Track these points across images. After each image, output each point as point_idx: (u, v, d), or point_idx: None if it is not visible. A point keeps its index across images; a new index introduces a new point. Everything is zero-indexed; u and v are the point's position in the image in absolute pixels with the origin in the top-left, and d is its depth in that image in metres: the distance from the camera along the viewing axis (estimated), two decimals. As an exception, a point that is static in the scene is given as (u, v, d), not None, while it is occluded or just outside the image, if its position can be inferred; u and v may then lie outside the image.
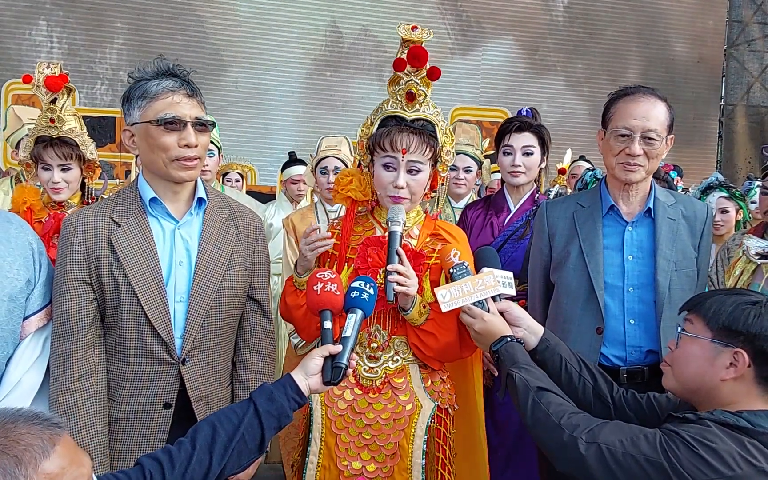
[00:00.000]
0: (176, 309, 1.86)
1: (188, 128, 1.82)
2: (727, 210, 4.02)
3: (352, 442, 2.01)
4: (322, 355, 1.65)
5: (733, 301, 1.54)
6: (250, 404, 1.55)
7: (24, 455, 1.02)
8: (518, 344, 1.80)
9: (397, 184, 2.00)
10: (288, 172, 5.05)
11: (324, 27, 8.74)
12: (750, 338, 1.49)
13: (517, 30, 9.36)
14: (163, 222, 1.91)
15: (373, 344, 2.03)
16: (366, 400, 2.02)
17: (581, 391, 1.81)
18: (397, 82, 2.05)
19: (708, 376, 1.53)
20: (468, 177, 3.55)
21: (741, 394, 1.51)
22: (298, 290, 2.06)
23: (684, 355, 1.59)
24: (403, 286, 1.91)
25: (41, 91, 2.75)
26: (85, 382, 1.80)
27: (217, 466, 1.47)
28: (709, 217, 2.28)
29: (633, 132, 2.09)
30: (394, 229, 1.97)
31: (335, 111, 8.40)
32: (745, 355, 1.49)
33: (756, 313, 1.50)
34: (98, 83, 8.23)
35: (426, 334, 2.00)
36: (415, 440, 2.01)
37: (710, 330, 1.55)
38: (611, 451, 1.48)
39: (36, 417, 1.07)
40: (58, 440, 1.07)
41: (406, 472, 2.00)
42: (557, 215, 2.31)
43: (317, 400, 2.05)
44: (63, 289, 1.81)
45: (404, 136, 1.99)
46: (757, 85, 10.55)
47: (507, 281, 1.92)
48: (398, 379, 2.03)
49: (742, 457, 1.41)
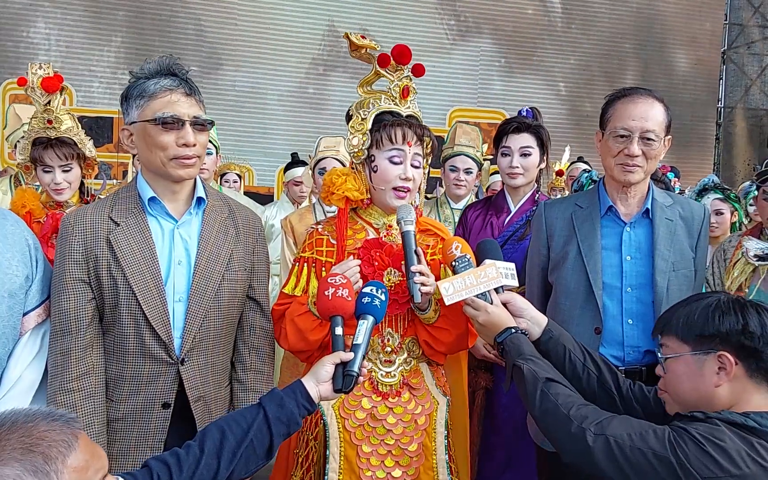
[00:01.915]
0: (175, 309, 1.86)
1: (186, 127, 1.81)
2: (721, 212, 4.03)
3: (374, 451, 1.98)
4: (333, 362, 1.63)
5: (695, 310, 1.56)
6: (260, 410, 1.53)
7: (51, 451, 1.03)
8: (523, 335, 1.80)
9: (407, 175, 1.99)
10: (290, 174, 5.03)
11: (322, 28, 8.75)
12: (725, 338, 1.51)
13: (515, 32, 9.38)
14: (162, 221, 1.90)
15: (387, 348, 2.02)
16: (386, 406, 2.00)
17: (585, 381, 1.81)
18: (371, 82, 2.06)
19: (702, 388, 1.54)
20: (468, 178, 3.55)
21: (739, 393, 1.52)
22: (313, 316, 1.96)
23: (673, 377, 1.60)
24: (427, 287, 1.90)
25: (36, 93, 2.74)
26: (83, 382, 1.79)
27: (224, 471, 1.45)
28: (706, 218, 2.28)
29: (632, 133, 2.10)
30: (408, 229, 1.94)
31: (333, 112, 8.41)
32: (728, 356, 1.50)
33: (719, 314, 1.52)
34: (96, 83, 8.24)
35: (439, 330, 1.99)
36: (437, 437, 2.02)
37: (687, 344, 1.56)
38: (619, 444, 1.48)
39: (53, 414, 1.08)
40: (78, 435, 1.08)
41: (431, 471, 2.00)
42: (555, 216, 2.32)
43: (332, 413, 2.00)
44: (61, 288, 1.81)
45: (409, 130, 2.00)
46: (755, 88, 10.59)
47: (509, 272, 1.92)
48: (415, 380, 2.03)
49: (750, 456, 1.41)
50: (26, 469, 1.00)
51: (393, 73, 2.03)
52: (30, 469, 1.00)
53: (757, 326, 1.50)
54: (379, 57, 2.02)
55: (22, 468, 1.00)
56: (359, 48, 2.03)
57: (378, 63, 2.02)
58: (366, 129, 2.03)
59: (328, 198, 2.08)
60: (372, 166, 2.03)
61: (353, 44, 2.02)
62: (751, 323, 1.50)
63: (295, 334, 1.98)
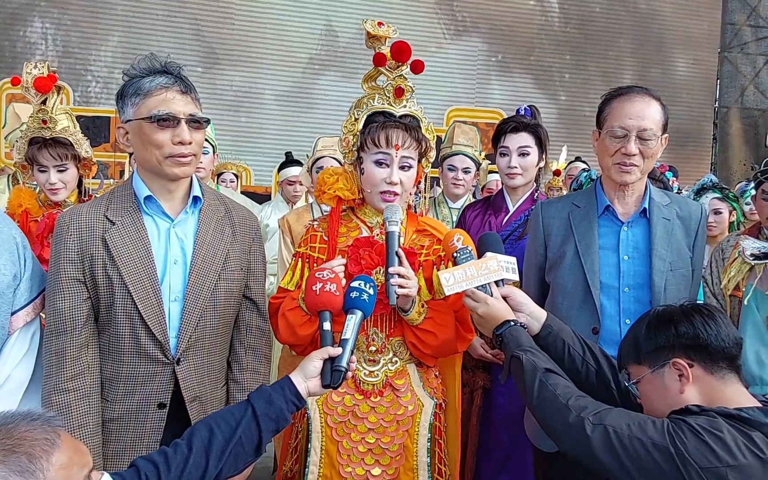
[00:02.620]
0: (171, 308, 1.85)
1: (182, 125, 1.80)
2: (720, 211, 4.03)
3: (355, 448, 1.99)
4: (321, 358, 1.63)
5: (639, 332, 1.64)
6: (248, 406, 1.53)
7: (34, 450, 1.03)
8: (522, 328, 1.80)
9: (392, 180, 1.97)
10: (284, 173, 5.02)
11: (319, 27, 8.74)
12: (671, 347, 1.58)
13: (512, 31, 9.38)
14: (158, 220, 1.89)
15: (371, 347, 2.01)
16: (367, 405, 2.00)
17: (584, 374, 1.81)
18: (375, 77, 2.03)
19: (671, 398, 1.57)
20: (466, 178, 3.54)
21: (708, 393, 1.55)
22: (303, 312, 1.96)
23: (646, 398, 1.65)
24: (405, 289, 1.89)
25: (30, 93, 2.73)
26: (78, 382, 1.78)
27: (213, 469, 1.45)
28: (703, 217, 2.28)
29: (629, 131, 2.09)
30: (392, 230, 1.93)
31: (331, 111, 8.40)
32: (680, 361, 1.56)
33: (653, 331, 1.61)
34: (93, 83, 8.23)
35: (425, 333, 1.98)
36: (420, 439, 2.01)
37: (644, 366, 1.63)
38: (618, 433, 1.49)
39: (32, 414, 1.08)
40: (60, 432, 1.08)
41: (411, 472, 2.00)
42: (552, 215, 2.31)
43: (315, 408, 2.01)
44: (57, 287, 1.80)
45: (398, 132, 1.97)
46: (750, 88, 10.60)
47: (510, 266, 1.91)
48: (399, 381, 2.02)
49: (748, 447, 1.42)
50: (11, 470, 1.00)
51: (392, 70, 2.00)
52: (15, 469, 1.00)
53: (689, 327, 1.56)
54: (375, 56, 2.00)
55: (6, 470, 0.99)
56: (375, 37, 2.00)
57: (374, 62, 2.00)
58: (357, 130, 2.02)
59: (320, 197, 2.11)
60: (360, 168, 2.04)
61: (369, 34, 2.00)
62: (680, 328, 1.57)
63: (286, 329, 1.99)
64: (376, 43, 2.01)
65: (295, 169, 4.94)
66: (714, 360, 1.54)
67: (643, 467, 1.46)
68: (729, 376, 1.55)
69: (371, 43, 2.02)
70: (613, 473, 1.50)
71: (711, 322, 1.56)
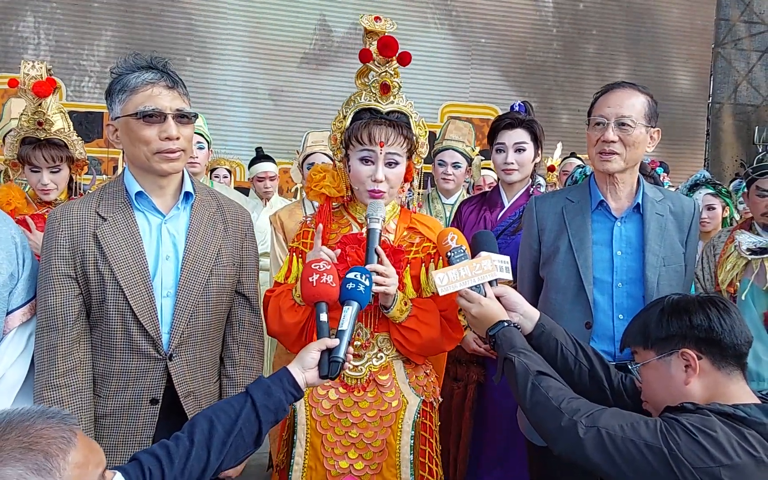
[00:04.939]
0: (163, 304, 1.84)
1: (169, 120, 1.79)
2: (713, 207, 4.05)
3: (338, 442, 1.99)
4: (319, 349, 1.63)
5: (651, 317, 1.63)
6: (247, 398, 1.53)
7: (50, 448, 1.02)
8: (515, 329, 1.80)
9: (377, 177, 1.96)
10: (254, 169, 4.91)
11: (313, 22, 8.71)
12: (682, 337, 1.56)
13: (507, 28, 9.37)
14: (149, 216, 1.88)
15: (356, 342, 2.00)
16: (351, 399, 2.00)
17: (577, 374, 1.81)
18: (366, 73, 2.02)
19: (674, 388, 1.57)
20: (456, 173, 3.54)
21: (712, 387, 1.54)
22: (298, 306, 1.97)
23: (648, 384, 1.65)
24: (383, 286, 1.88)
25: (28, 96, 2.70)
26: (70, 378, 1.78)
27: (215, 461, 1.45)
28: (696, 213, 2.29)
29: (607, 119, 2.12)
30: (373, 227, 1.93)
31: (325, 107, 8.37)
32: (690, 352, 1.54)
33: (666, 318, 1.59)
34: (86, 78, 8.17)
35: (409, 331, 1.98)
36: (403, 436, 2.01)
37: (651, 350, 1.61)
38: (611, 435, 1.49)
39: (48, 412, 1.07)
40: (76, 431, 1.08)
41: (394, 468, 2.00)
42: (546, 210, 2.31)
43: (301, 400, 2.01)
44: (48, 283, 1.79)
45: (382, 129, 1.96)
46: (744, 84, 10.62)
47: (504, 266, 1.90)
48: (383, 376, 2.02)
49: (741, 446, 1.42)
50: (28, 468, 0.99)
51: (381, 66, 1.99)
52: (32, 467, 0.99)
53: (704, 319, 1.54)
54: (361, 52, 1.98)
55: (24, 467, 0.99)
56: (372, 33, 1.99)
57: (360, 57, 1.99)
58: (344, 127, 2.02)
59: (308, 193, 2.12)
60: (348, 165, 2.04)
61: (366, 29, 1.99)
62: (695, 319, 1.55)
63: (273, 313, 1.99)
64: (374, 38, 2.00)
65: (266, 164, 4.85)
66: (724, 356, 1.53)
67: (637, 468, 1.46)
68: (735, 373, 1.54)
69: (369, 39, 2.01)
70: (608, 475, 1.50)
71: (726, 317, 1.55)
